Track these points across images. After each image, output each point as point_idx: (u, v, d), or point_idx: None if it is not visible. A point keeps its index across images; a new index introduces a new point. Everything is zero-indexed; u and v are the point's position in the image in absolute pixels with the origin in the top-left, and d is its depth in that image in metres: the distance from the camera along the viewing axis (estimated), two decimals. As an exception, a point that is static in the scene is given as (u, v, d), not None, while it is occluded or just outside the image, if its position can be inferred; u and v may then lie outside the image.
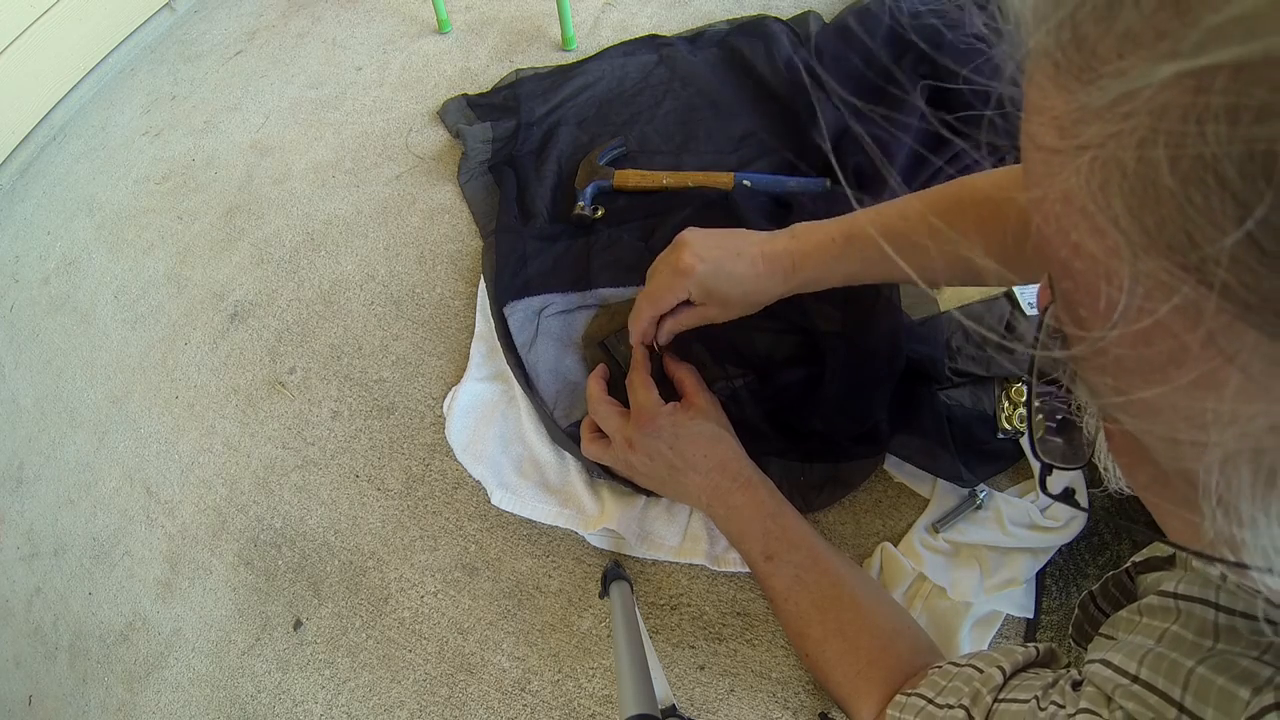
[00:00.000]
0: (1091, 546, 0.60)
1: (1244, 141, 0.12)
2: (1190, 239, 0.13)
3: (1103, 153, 0.14)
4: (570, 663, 0.62)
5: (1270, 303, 0.13)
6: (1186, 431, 0.17)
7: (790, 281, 0.57)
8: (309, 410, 0.79)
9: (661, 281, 0.59)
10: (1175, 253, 0.14)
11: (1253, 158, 0.12)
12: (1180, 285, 0.14)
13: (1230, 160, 0.12)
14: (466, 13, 1.14)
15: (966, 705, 0.39)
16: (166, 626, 0.71)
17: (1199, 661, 0.27)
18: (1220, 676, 0.25)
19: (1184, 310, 0.15)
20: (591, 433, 0.64)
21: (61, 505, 0.80)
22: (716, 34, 0.98)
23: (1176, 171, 0.13)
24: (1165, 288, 0.15)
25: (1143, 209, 0.14)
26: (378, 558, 0.69)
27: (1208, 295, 0.14)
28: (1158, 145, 0.13)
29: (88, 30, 1.20)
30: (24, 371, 0.92)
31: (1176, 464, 0.18)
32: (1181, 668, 0.27)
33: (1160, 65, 0.13)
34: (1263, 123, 0.12)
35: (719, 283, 0.57)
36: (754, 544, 0.55)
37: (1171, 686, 0.27)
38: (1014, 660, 0.40)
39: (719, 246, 0.58)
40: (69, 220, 1.05)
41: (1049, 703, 0.33)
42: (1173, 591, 0.31)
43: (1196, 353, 0.15)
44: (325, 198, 0.96)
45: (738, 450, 0.60)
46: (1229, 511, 0.17)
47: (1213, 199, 0.13)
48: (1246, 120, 0.12)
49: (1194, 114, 0.12)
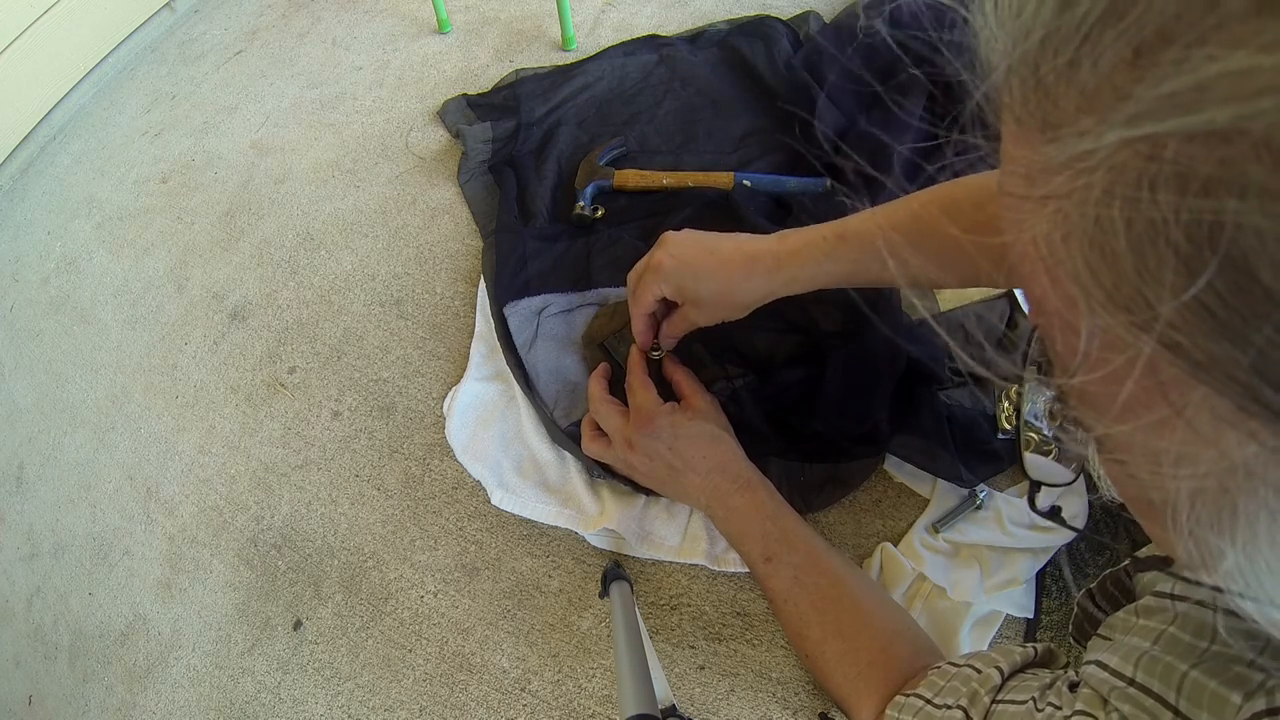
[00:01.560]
0: (1092, 546, 0.60)
1: (1191, 211, 0.12)
2: (1143, 298, 0.14)
3: (1065, 205, 0.15)
4: (570, 663, 0.62)
5: (1217, 363, 0.14)
6: (1148, 467, 0.17)
7: (773, 281, 0.56)
8: (309, 410, 0.79)
9: (634, 280, 0.60)
10: (1129, 310, 0.15)
11: (1199, 226, 0.12)
12: (1134, 340, 0.15)
13: (1179, 227, 0.13)
14: (466, 13, 1.14)
15: (964, 706, 0.39)
16: (166, 626, 0.71)
17: (1193, 665, 0.27)
18: (1213, 681, 0.26)
19: (1136, 363, 0.15)
20: (592, 431, 0.64)
21: (61, 505, 0.80)
22: (716, 34, 0.98)
23: (1131, 233, 0.14)
24: (1120, 341, 0.15)
25: (1100, 266, 0.15)
26: (378, 558, 0.69)
27: (1160, 351, 0.15)
28: (1113, 206, 0.14)
29: (88, 30, 1.20)
30: (24, 371, 0.92)
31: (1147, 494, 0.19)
32: (1176, 671, 0.27)
33: (1116, 128, 0.13)
34: (1208, 195, 0.12)
35: (689, 280, 0.57)
36: (753, 545, 0.55)
37: (1166, 690, 0.27)
38: (1012, 660, 0.40)
39: (694, 245, 0.58)
40: (69, 220, 1.05)
41: (1046, 704, 0.34)
42: (1169, 592, 0.31)
43: (1149, 401, 0.16)
44: (325, 198, 0.96)
45: (737, 451, 0.60)
46: (1198, 543, 0.17)
47: (1164, 263, 0.13)
48: (1194, 190, 0.12)
49: (1147, 178, 0.13)
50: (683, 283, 0.57)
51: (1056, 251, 0.16)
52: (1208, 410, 0.15)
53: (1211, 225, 0.12)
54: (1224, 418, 0.15)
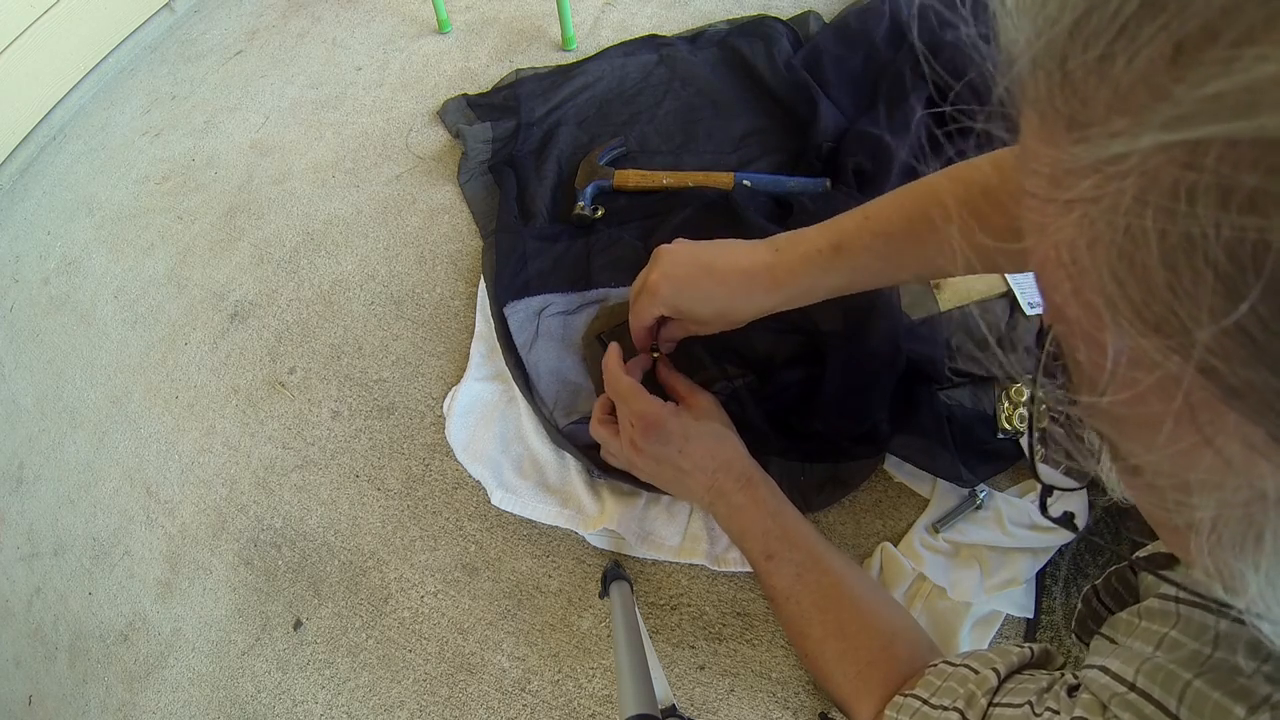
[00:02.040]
0: (1091, 546, 0.60)
1: (1234, 227, 0.11)
2: (1176, 318, 0.13)
3: (1092, 211, 0.14)
4: (570, 663, 0.62)
5: (1255, 390, 0.13)
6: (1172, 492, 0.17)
7: (771, 298, 0.55)
8: (309, 410, 0.79)
9: (634, 298, 0.60)
10: (1160, 330, 0.14)
11: (1243, 244, 0.11)
12: (1164, 361, 0.14)
13: (1220, 244, 0.12)
14: (466, 13, 1.14)
15: (961, 708, 0.38)
16: (166, 626, 0.71)
17: (1196, 674, 0.26)
18: (1216, 691, 0.25)
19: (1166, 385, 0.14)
20: (603, 413, 0.63)
21: (61, 505, 0.80)
22: (716, 34, 0.98)
23: (1164, 247, 0.13)
24: (1149, 361, 0.14)
25: (1129, 279, 0.14)
26: (378, 558, 0.69)
27: (1193, 375, 0.14)
28: (1146, 215, 0.13)
29: (88, 30, 1.20)
30: (24, 371, 0.92)
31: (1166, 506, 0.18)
32: (1178, 679, 0.27)
33: (1152, 131, 0.12)
34: (1255, 210, 0.11)
35: (686, 301, 0.57)
36: (755, 543, 0.55)
37: (1168, 698, 0.27)
38: (1009, 661, 0.39)
39: (692, 263, 0.57)
40: (69, 220, 1.05)
41: (1044, 708, 0.33)
42: (1173, 595, 0.31)
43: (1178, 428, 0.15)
44: (325, 198, 0.96)
45: (740, 448, 0.60)
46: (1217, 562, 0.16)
47: (1201, 282, 0.12)
48: (1237, 204, 0.11)
49: (1184, 188, 0.12)
50: (679, 304, 0.57)
51: (1081, 260, 0.15)
52: (1239, 439, 0.14)
53: (1255, 244, 0.11)
54: (1256, 447, 0.14)
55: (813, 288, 0.55)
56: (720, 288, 0.56)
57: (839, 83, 0.85)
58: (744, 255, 0.56)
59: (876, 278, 0.54)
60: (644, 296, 0.58)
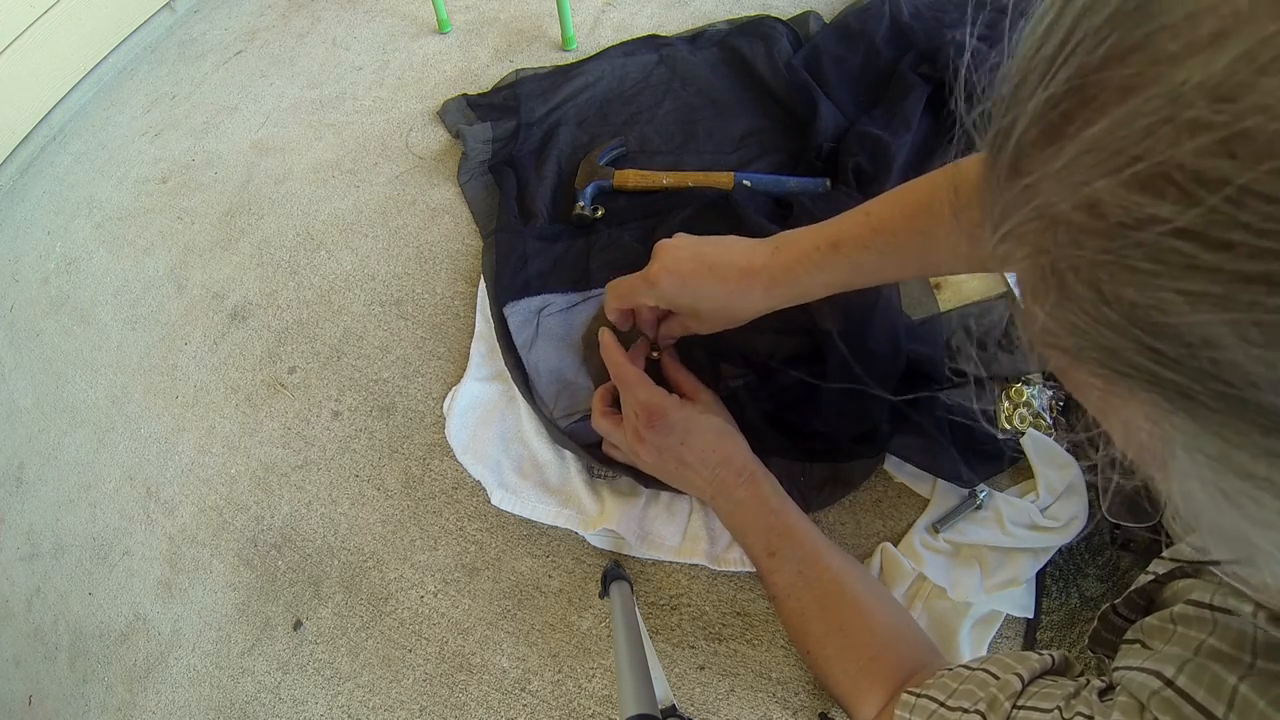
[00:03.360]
0: (1091, 546, 0.60)
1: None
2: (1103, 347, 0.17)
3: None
4: (570, 663, 0.62)
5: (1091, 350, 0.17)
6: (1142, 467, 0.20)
7: (770, 297, 0.56)
8: (309, 410, 0.79)
9: (630, 281, 0.60)
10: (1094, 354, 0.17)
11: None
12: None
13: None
14: (466, 13, 1.14)
15: (983, 711, 0.38)
16: (166, 626, 0.71)
17: (1240, 678, 0.26)
18: (1261, 700, 0.25)
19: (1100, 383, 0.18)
20: (604, 406, 0.63)
21: (61, 505, 0.80)
22: (716, 34, 0.98)
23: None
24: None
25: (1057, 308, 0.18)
26: (378, 558, 0.69)
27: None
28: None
29: (88, 30, 1.20)
30: (24, 371, 0.92)
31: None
32: (1225, 684, 0.26)
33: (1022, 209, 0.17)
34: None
35: (686, 298, 0.57)
36: (756, 539, 0.55)
37: (1214, 702, 0.26)
38: (1030, 667, 0.39)
39: (694, 259, 0.57)
40: (69, 220, 1.05)
41: (1074, 713, 0.32)
42: (1208, 603, 0.30)
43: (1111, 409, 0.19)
44: (325, 198, 0.96)
45: (742, 445, 0.60)
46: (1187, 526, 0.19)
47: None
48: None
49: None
50: (678, 300, 0.57)
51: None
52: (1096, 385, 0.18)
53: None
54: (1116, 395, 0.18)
55: (811, 285, 0.55)
56: (720, 286, 0.56)
57: (839, 83, 0.85)
58: (743, 254, 0.56)
59: (875, 275, 0.54)
60: (641, 284, 0.59)
